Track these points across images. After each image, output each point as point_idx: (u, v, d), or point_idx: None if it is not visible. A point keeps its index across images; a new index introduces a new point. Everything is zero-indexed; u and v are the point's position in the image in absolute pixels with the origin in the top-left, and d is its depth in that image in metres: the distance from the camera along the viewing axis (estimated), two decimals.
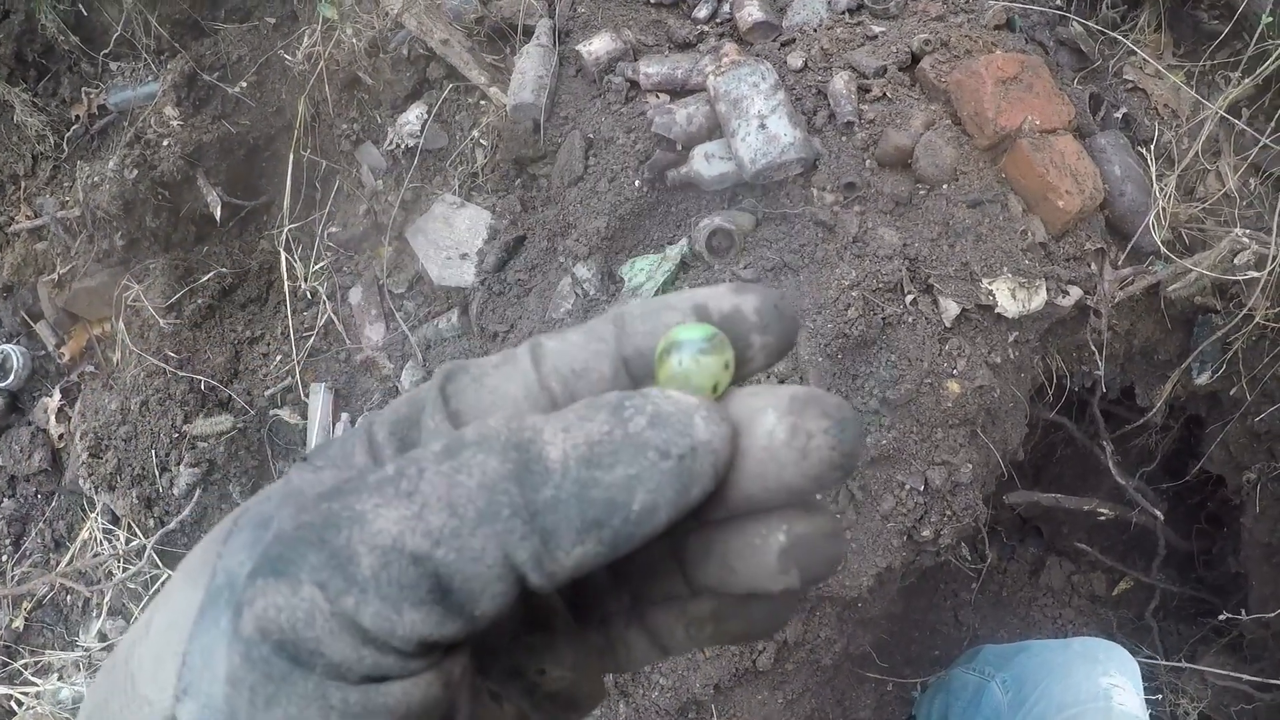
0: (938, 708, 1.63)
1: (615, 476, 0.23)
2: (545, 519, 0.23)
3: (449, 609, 0.22)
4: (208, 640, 0.23)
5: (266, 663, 0.22)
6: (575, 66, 1.68)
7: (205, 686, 0.22)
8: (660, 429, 0.24)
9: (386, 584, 0.22)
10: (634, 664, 0.32)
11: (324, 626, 0.22)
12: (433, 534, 0.22)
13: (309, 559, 0.22)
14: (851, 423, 0.25)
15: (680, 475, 0.24)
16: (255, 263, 1.80)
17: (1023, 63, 1.49)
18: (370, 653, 0.22)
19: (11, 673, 1.64)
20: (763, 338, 0.28)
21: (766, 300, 0.28)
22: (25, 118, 1.85)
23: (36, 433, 1.88)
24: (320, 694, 0.22)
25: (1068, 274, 1.47)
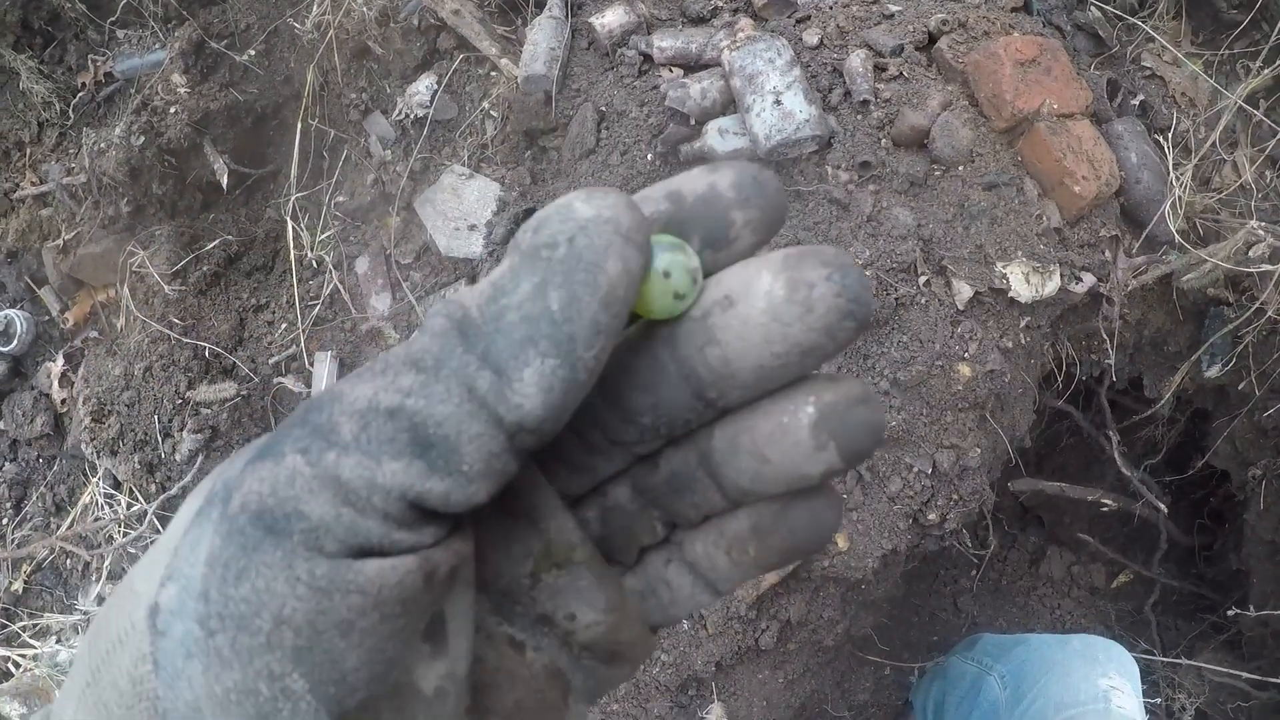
0: (934, 694, 1.63)
1: (521, 292, 0.23)
2: (490, 352, 0.23)
3: (432, 464, 0.22)
4: (198, 532, 0.22)
5: (242, 534, 0.21)
6: (588, 39, 1.66)
7: (186, 569, 0.22)
8: (542, 232, 0.23)
9: (366, 441, 0.22)
10: (680, 607, 0.30)
11: (304, 485, 0.21)
12: (403, 389, 0.23)
13: (292, 434, 0.23)
14: (854, 270, 0.24)
15: (581, 257, 0.23)
16: (261, 231, 1.79)
17: (1041, 46, 1.47)
18: (349, 513, 0.21)
19: (10, 635, 1.64)
20: (744, 213, 0.26)
21: (744, 173, 0.26)
22: (31, 85, 1.84)
23: (39, 397, 1.87)
24: (288, 564, 0.21)
25: (1082, 260, 1.46)
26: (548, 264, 0.23)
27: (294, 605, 0.21)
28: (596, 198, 0.24)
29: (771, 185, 0.26)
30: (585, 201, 0.24)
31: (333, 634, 0.21)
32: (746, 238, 0.26)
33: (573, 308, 0.23)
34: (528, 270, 0.23)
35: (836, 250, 0.25)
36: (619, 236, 0.23)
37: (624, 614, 0.29)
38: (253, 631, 0.21)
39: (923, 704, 1.66)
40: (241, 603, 0.21)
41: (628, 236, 0.24)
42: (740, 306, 0.24)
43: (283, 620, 0.21)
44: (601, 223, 0.23)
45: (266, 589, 0.21)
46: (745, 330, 0.24)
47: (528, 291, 0.23)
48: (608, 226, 0.23)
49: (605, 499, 0.29)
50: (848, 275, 0.24)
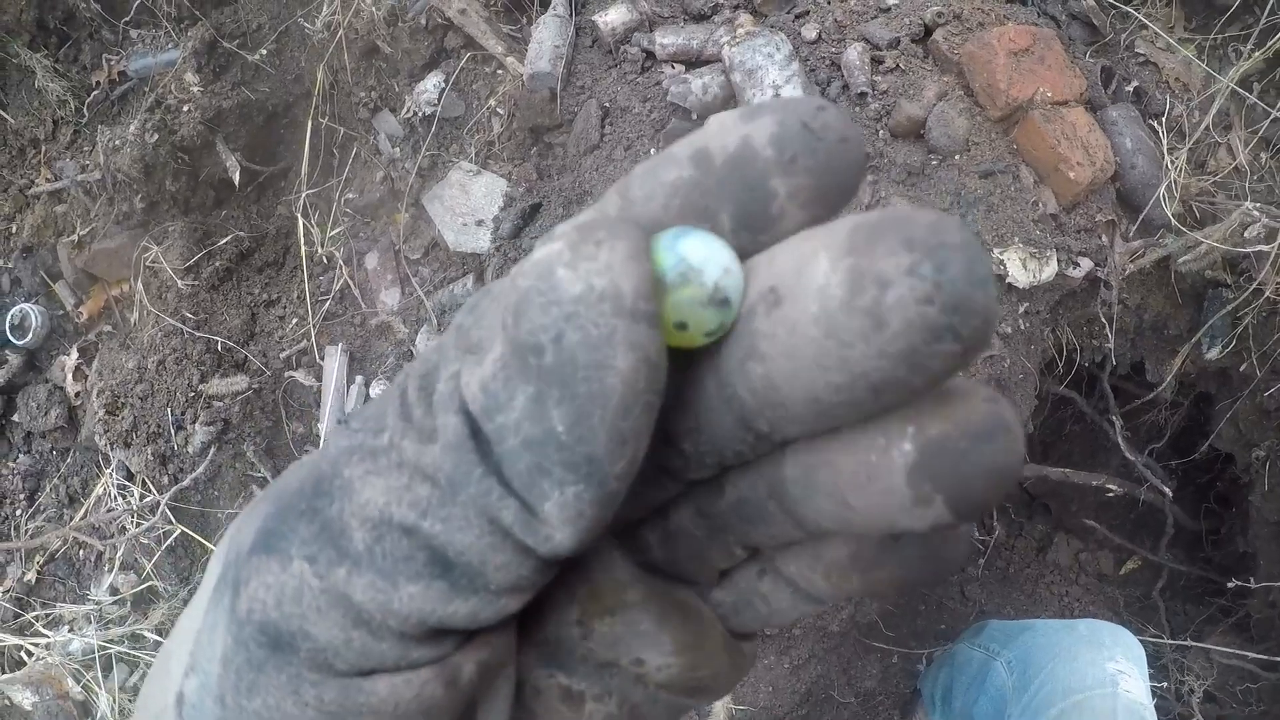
0: (942, 681, 1.63)
1: (517, 409, 0.18)
2: (508, 477, 0.19)
3: (455, 585, 0.19)
4: (213, 618, 0.21)
5: (248, 647, 0.20)
6: (592, 37, 1.69)
7: (205, 664, 0.21)
8: (523, 324, 0.18)
9: (380, 556, 0.19)
10: (782, 617, 0.25)
11: (311, 604, 0.19)
12: (418, 506, 0.19)
13: (299, 532, 0.20)
14: (960, 252, 0.16)
15: (576, 362, 0.17)
16: (273, 227, 1.82)
17: (1035, 35, 1.50)
18: (361, 636, 0.19)
19: (23, 624, 1.66)
20: (788, 180, 0.19)
21: (789, 119, 0.19)
22: (46, 83, 1.88)
23: (53, 390, 1.90)
24: (294, 688, 0.20)
25: (1079, 245, 1.48)
26: (538, 374, 0.18)
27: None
28: (583, 259, 0.18)
29: (832, 133, 0.19)
30: (570, 267, 0.18)
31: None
32: (794, 214, 0.19)
33: (582, 427, 0.18)
34: (516, 379, 0.18)
35: (936, 218, 0.17)
36: (623, 319, 0.18)
37: (700, 650, 0.24)
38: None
39: (930, 691, 1.66)
40: (255, 716, 0.20)
41: (635, 312, 0.18)
42: (787, 307, 0.18)
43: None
44: (595, 303, 0.17)
45: (277, 707, 0.20)
46: (794, 345, 0.18)
47: (524, 410, 0.18)
48: (604, 307, 0.17)
49: (667, 523, 0.24)
50: (947, 265, 0.16)
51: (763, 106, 0.19)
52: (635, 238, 0.18)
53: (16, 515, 1.85)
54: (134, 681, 1.59)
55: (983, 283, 0.16)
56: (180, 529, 1.63)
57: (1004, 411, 0.18)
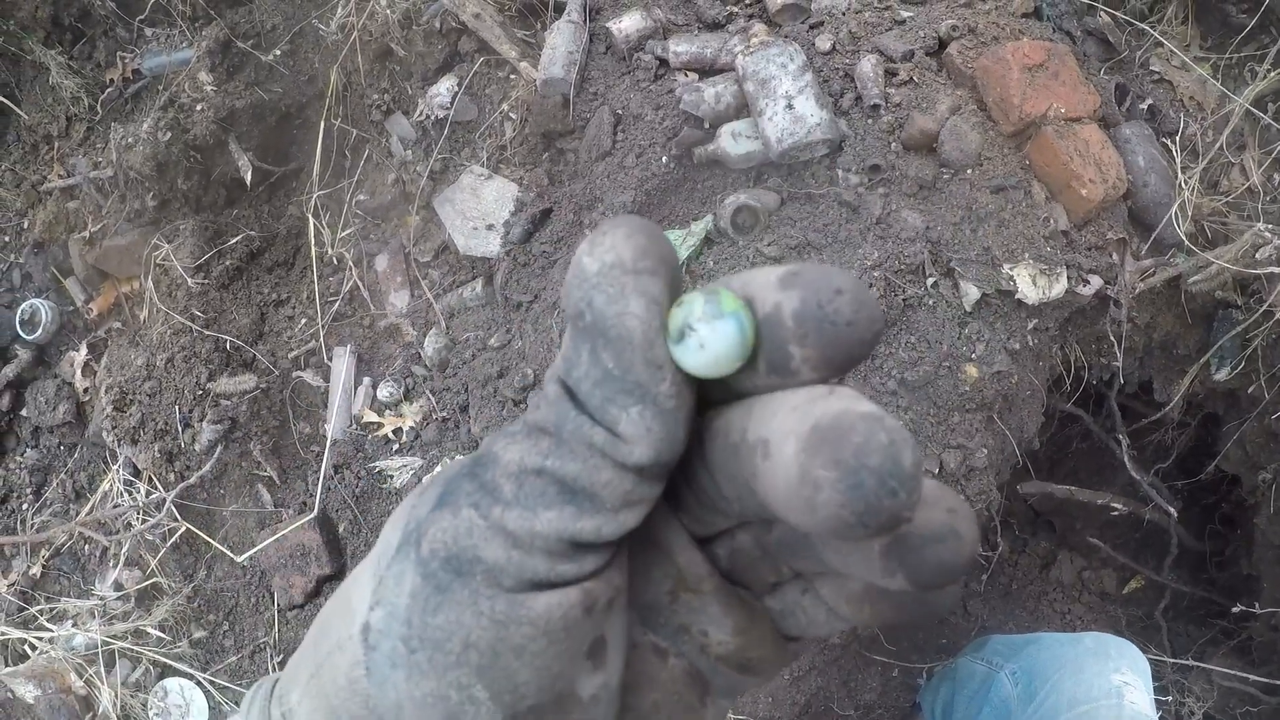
0: (943, 695, 1.63)
1: (583, 363, 0.25)
2: (592, 411, 0.25)
3: (580, 507, 0.25)
4: (400, 568, 0.27)
5: (436, 577, 0.26)
6: (605, 43, 1.69)
7: (393, 599, 0.26)
8: (570, 302, 0.26)
9: (524, 497, 0.26)
10: (817, 629, 0.31)
11: (480, 535, 0.25)
12: (543, 450, 0.26)
13: (464, 489, 0.26)
14: (881, 473, 0.21)
15: (605, 316, 0.25)
16: (284, 227, 1.83)
17: (1049, 50, 1.49)
18: (518, 555, 0.25)
19: (27, 618, 1.67)
20: (802, 350, 0.25)
21: (809, 298, 0.24)
22: (61, 80, 1.89)
23: (62, 385, 1.90)
24: (474, 600, 0.25)
25: (1089, 263, 1.48)
26: (586, 332, 0.25)
27: (478, 634, 0.25)
28: (599, 245, 0.25)
29: (841, 317, 0.24)
30: (590, 254, 0.25)
31: (509, 656, 0.26)
32: (808, 374, 0.25)
33: (624, 361, 0.25)
34: (578, 341, 0.25)
35: (867, 437, 0.22)
36: (629, 275, 0.25)
37: (752, 636, 0.31)
38: (446, 652, 0.25)
39: (931, 705, 1.65)
40: (437, 630, 0.25)
41: (637, 270, 0.25)
42: (772, 463, 0.24)
43: (470, 644, 0.25)
44: (607, 271, 0.25)
45: (457, 620, 0.25)
46: (777, 493, 0.23)
47: (587, 360, 0.25)
48: (614, 272, 0.25)
49: (733, 540, 0.31)
50: (864, 484, 0.21)
51: (797, 275, 0.25)
52: (631, 224, 0.26)
53: (23, 509, 1.86)
54: (136, 677, 1.60)
55: (893, 492, 0.21)
56: (185, 526, 1.64)
57: (958, 522, 0.24)
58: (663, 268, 0.26)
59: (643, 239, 0.25)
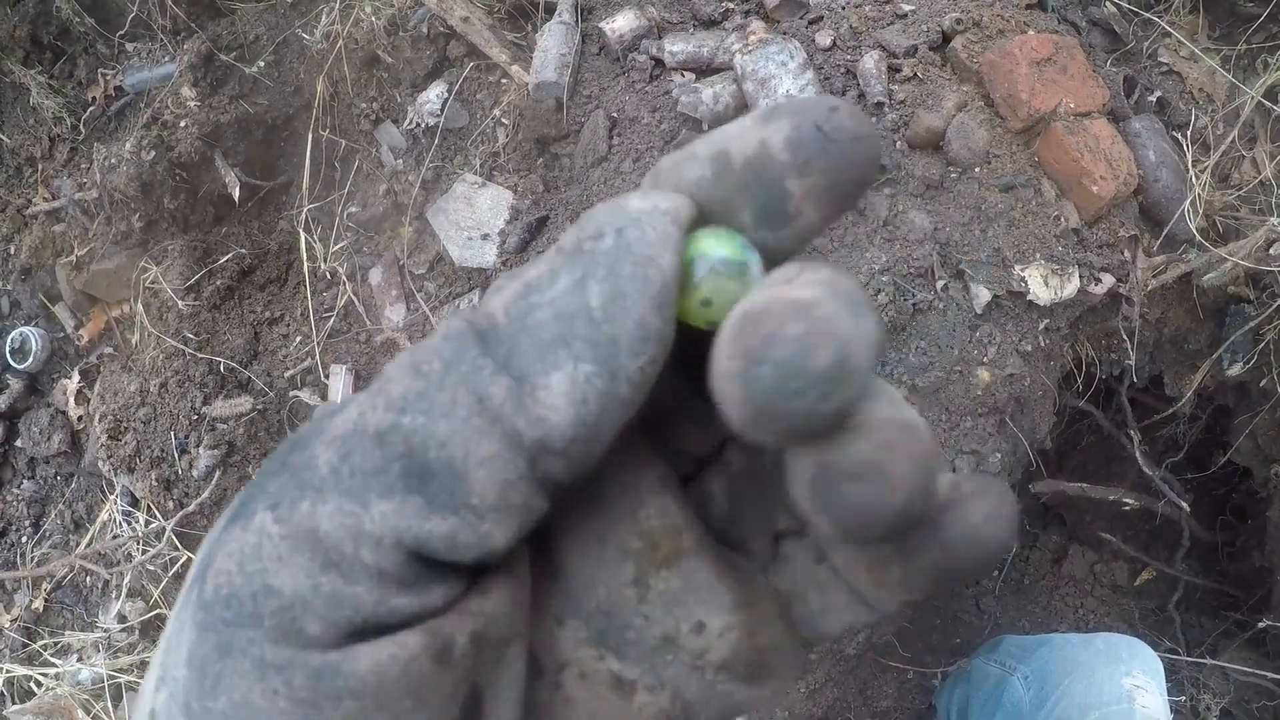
0: (958, 698, 1.62)
1: (557, 287, 0.19)
2: (511, 357, 0.19)
3: (432, 498, 0.18)
4: (180, 620, 0.19)
5: (215, 629, 0.18)
6: (598, 44, 1.65)
7: (173, 671, 0.19)
8: (588, 226, 0.20)
9: (347, 474, 0.18)
10: (834, 620, 0.24)
11: (271, 552, 0.18)
12: (395, 402, 0.18)
13: (268, 484, 0.19)
14: (782, 368, 0.18)
15: (631, 248, 0.19)
16: (274, 243, 1.79)
17: (1057, 44, 1.46)
18: (331, 579, 0.18)
19: (31, 653, 1.65)
20: (803, 181, 0.20)
21: (803, 122, 0.20)
22: (42, 100, 1.84)
23: (55, 414, 1.87)
24: (260, 673, 0.17)
25: (1100, 261, 1.45)
26: (590, 256, 0.19)
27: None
28: (653, 194, 0.21)
29: (845, 134, 0.20)
30: (641, 198, 0.21)
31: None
32: (809, 212, 0.21)
33: (616, 305, 0.19)
34: (567, 266, 0.19)
35: (801, 307, 0.18)
36: (678, 229, 0.20)
37: (758, 610, 0.23)
38: None
39: (946, 707, 1.65)
40: (220, 718, 0.18)
41: (682, 226, 0.21)
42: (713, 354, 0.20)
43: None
44: (659, 214, 0.20)
45: (245, 702, 0.17)
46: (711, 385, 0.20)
47: (565, 286, 0.19)
48: (665, 218, 0.20)
49: (729, 467, 0.25)
50: (763, 371, 0.18)
51: (779, 108, 0.21)
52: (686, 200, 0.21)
53: (22, 542, 1.84)
54: None
55: (796, 393, 0.18)
56: (187, 555, 1.61)
57: (889, 459, 0.19)
58: None
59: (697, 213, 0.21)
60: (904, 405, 0.21)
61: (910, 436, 0.19)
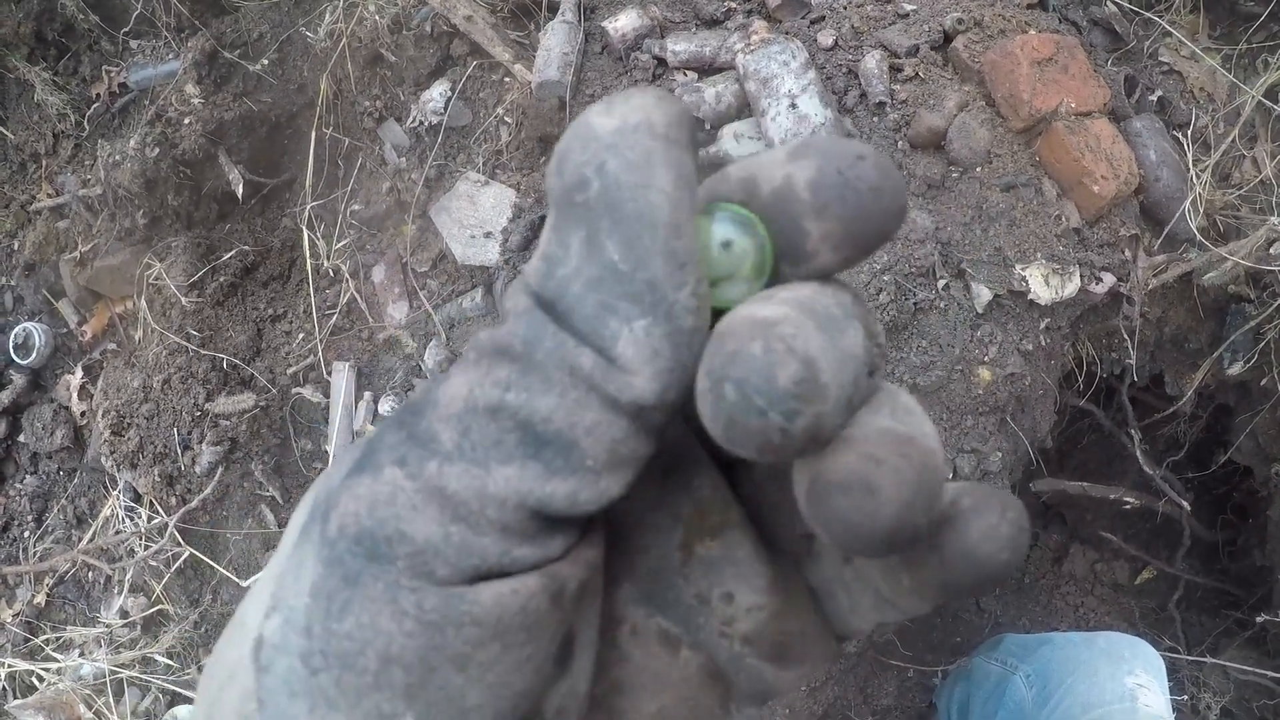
0: (959, 696, 1.62)
1: (573, 256, 0.20)
2: (580, 326, 0.19)
3: (549, 463, 0.19)
4: (300, 554, 0.20)
5: (343, 563, 0.19)
6: (601, 43, 1.66)
7: (290, 599, 0.20)
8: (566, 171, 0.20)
9: (469, 447, 0.19)
10: (862, 619, 0.25)
11: (405, 502, 0.19)
12: (501, 381, 0.19)
13: (387, 442, 0.20)
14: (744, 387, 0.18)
15: (620, 184, 0.19)
16: (277, 240, 1.80)
17: (1058, 43, 1.46)
18: (460, 530, 0.19)
19: (33, 648, 1.65)
20: (820, 224, 0.20)
21: (827, 165, 0.20)
22: (46, 96, 1.84)
23: (59, 410, 1.88)
24: (392, 597, 0.18)
25: (1101, 260, 1.46)
26: (585, 209, 0.19)
27: (402, 642, 0.18)
28: (617, 104, 0.20)
29: (865, 183, 0.20)
30: (605, 113, 0.20)
31: (448, 670, 0.18)
32: (826, 255, 0.21)
33: (638, 249, 0.19)
34: (568, 225, 0.19)
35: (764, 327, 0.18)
36: (658, 140, 0.19)
37: (789, 597, 0.24)
38: (359, 670, 0.18)
39: (947, 706, 1.65)
40: (345, 639, 0.18)
41: (669, 137, 0.20)
42: None
43: (390, 658, 0.18)
44: (630, 131, 0.19)
45: (371, 624, 0.18)
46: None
47: (579, 252, 0.19)
48: (640, 134, 0.19)
49: (754, 469, 0.25)
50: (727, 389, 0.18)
51: (810, 146, 0.21)
52: (658, 92, 0.20)
53: (25, 537, 1.84)
54: (145, 706, 1.58)
55: (759, 411, 0.18)
56: (189, 551, 1.62)
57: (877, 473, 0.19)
58: (695, 151, 0.21)
59: (675, 107, 0.20)
60: (910, 414, 0.21)
61: (904, 449, 0.19)
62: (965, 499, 0.21)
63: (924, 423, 0.21)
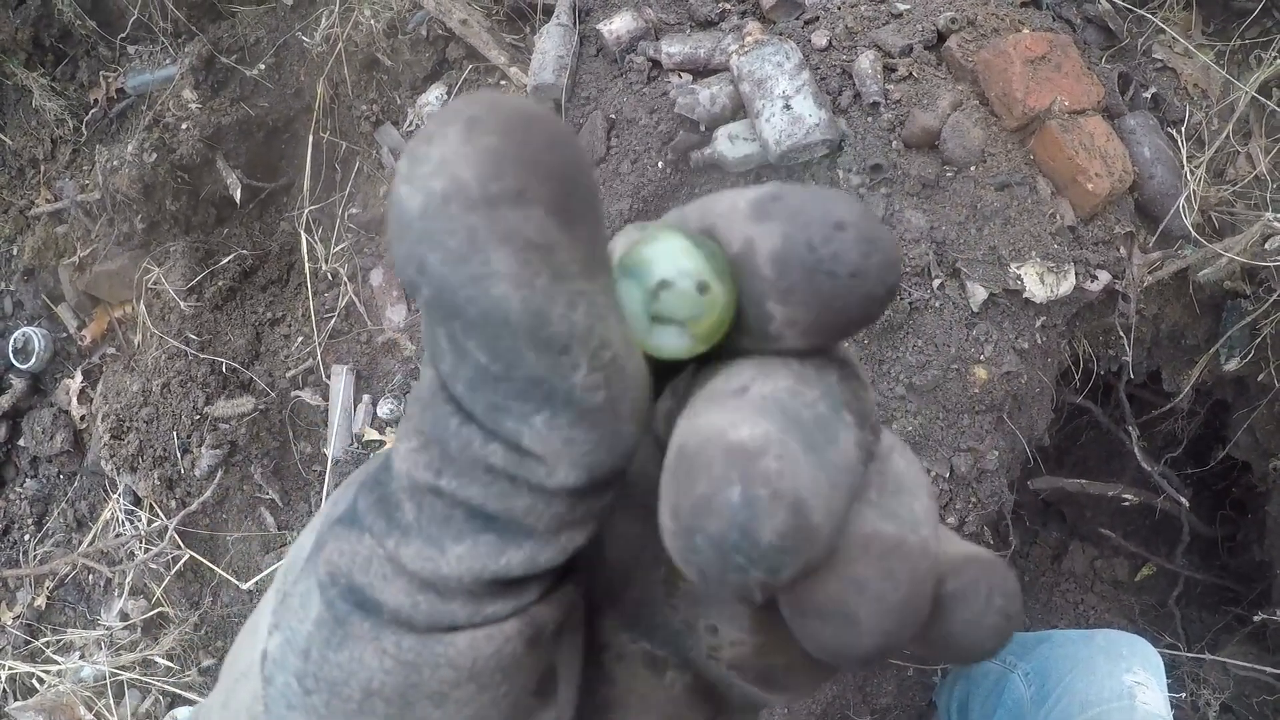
0: (958, 695, 1.63)
1: (445, 359, 0.18)
2: (480, 419, 0.18)
3: (502, 534, 0.18)
4: (306, 586, 0.21)
5: (335, 606, 0.20)
6: (596, 46, 1.66)
7: (294, 623, 0.20)
8: (400, 267, 0.17)
9: (425, 523, 0.19)
10: None
11: (378, 572, 0.19)
12: (432, 464, 0.18)
13: (366, 501, 0.20)
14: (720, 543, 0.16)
15: (453, 289, 0.16)
16: (276, 244, 1.80)
17: (1051, 42, 1.47)
18: (429, 599, 0.19)
19: (33, 651, 1.66)
20: (785, 309, 0.17)
21: (796, 235, 0.17)
22: (44, 102, 1.85)
23: (58, 414, 1.89)
24: (375, 636, 0.19)
25: (1096, 258, 1.46)
26: (437, 312, 0.17)
27: (382, 678, 0.19)
28: (419, 161, 0.16)
29: (843, 266, 0.17)
30: (407, 179, 0.16)
31: (426, 705, 0.19)
32: (793, 340, 0.18)
33: (502, 353, 0.16)
34: (430, 321, 0.17)
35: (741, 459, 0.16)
36: (477, 212, 0.15)
37: (774, 632, 0.23)
38: (344, 698, 0.19)
39: (946, 704, 1.65)
40: (336, 668, 0.19)
41: (491, 197, 0.15)
42: None
43: (371, 691, 0.19)
44: (439, 208, 0.15)
45: (357, 659, 0.19)
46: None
47: (448, 351, 0.17)
48: (451, 208, 0.15)
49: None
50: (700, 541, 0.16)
51: (778, 200, 0.17)
52: (475, 112, 0.16)
53: (25, 540, 1.85)
54: (146, 708, 1.59)
55: (738, 568, 0.16)
56: (189, 554, 1.62)
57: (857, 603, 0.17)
58: (546, 184, 0.16)
59: (494, 139, 0.16)
60: (899, 493, 0.19)
61: (889, 565, 0.18)
62: (952, 581, 0.20)
63: (915, 500, 0.19)
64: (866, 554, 0.17)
